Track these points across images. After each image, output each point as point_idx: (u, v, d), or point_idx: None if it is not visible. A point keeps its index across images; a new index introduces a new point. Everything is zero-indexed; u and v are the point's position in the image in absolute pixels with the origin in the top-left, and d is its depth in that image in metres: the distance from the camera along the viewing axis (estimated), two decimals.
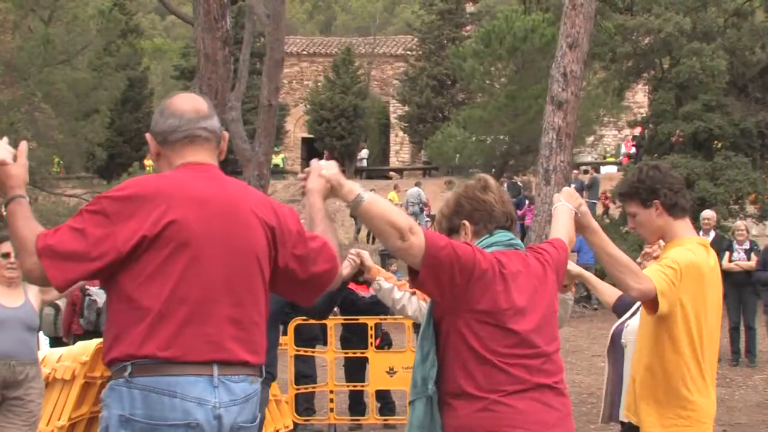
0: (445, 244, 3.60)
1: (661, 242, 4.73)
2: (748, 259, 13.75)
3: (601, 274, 7.55)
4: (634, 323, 5.32)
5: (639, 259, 5.65)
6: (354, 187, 3.63)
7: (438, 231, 3.92)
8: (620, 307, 5.89)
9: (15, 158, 3.40)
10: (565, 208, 4.23)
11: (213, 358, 3.28)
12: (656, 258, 5.07)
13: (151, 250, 3.28)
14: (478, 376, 3.63)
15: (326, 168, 3.68)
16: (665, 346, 4.40)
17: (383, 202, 3.66)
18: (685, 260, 4.33)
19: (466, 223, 3.86)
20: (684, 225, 4.55)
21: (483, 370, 3.63)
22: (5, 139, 3.49)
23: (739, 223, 15.12)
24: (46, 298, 6.86)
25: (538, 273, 3.80)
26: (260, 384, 3.48)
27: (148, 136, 3.60)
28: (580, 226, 4.27)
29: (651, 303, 4.27)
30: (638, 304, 5.26)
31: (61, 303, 11.35)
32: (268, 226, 3.46)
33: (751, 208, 22.06)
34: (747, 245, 14.04)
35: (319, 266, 3.55)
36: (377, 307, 10.00)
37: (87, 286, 12.84)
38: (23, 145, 3.46)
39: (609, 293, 5.86)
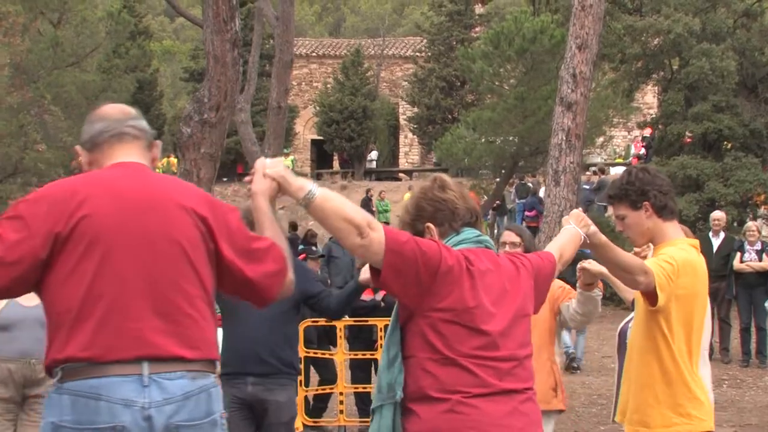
0: (407, 239, 3.45)
1: (651, 245, 4.72)
2: (760, 260, 13.70)
3: None
4: None
5: None
6: (304, 183, 3.44)
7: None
8: None
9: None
10: (570, 229, 4.21)
11: (140, 355, 3.15)
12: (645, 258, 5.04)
13: (67, 250, 3.19)
14: (441, 377, 3.46)
15: (271, 166, 3.51)
16: (659, 343, 4.38)
17: (337, 197, 3.46)
18: (681, 258, 4.35)
19: (430, 225, 3.70)
20: (673, 227, 4.54)
21: (446, 371, 3.46)
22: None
23: (750, 224, 15.05)
24: None
25: (510, 273, 3.66)
26: (213, 379, 3.32)
27: (77, 148, 3.53)
28: (592, 246, 4.26)
29: (651, 295, 4.27)
30: None
31: None
32: (198, 216, 3.33)
33: (761, 209, 22.00)
34: (758, 246, 14.00)
35: (268, 265, 3.41)
36: (378, 311, 9.96)
37: None
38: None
39: (629, 289, 5.82)
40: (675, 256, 4.33)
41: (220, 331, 7.77)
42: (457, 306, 3.47)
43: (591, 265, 4.76)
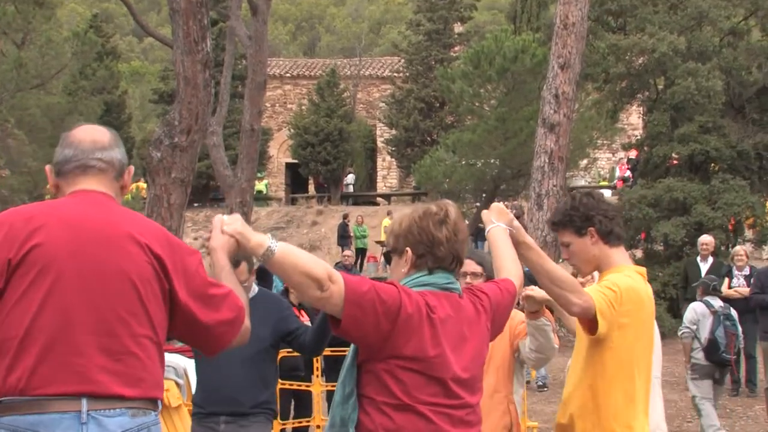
0: (367, 288, 3.42)
1: (596, 274, 4.63)
2: (748, 285, 13.36)
3: None
4: None
5: None
6: (263, 239, 3.43)
7: (387, 244, 3.81)
8: None
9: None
10: (500, 230, 4.10)
11: (80, 390, 3.11)
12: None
13: (17, 278, 3.16)
14: (398, 421, 3.46)
15: (229, 223, 3.53)
16: (596, 374, 4.30)
17: (297, 251, 3.45)
18: (625, 284, 4.25)
19: (409, 251, 3.65)
20: (620, 253, 4.46)
21: (402, 416, 3.47)
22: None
23: (738, 248, 14.77)
24: None
25: (470, 318, 3.64)
26: (154, 416, 3.29)
27: (47, 168, 3.51)
28: (514, 243, 4.12)
29: (590, 322, 4.18)
30: None
31: None
32: (153, 253, 3.29)
33: (748, 233, 21.71)
34: (747, 271, 13.74)
35: (223, 313, 3.40)
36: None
37: None
38: None
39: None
40: (618, 283, 4.24)
41: (192, 364, 7.31)
42: (417, 354, 3.47)
43: (535, 291, 4.73)
